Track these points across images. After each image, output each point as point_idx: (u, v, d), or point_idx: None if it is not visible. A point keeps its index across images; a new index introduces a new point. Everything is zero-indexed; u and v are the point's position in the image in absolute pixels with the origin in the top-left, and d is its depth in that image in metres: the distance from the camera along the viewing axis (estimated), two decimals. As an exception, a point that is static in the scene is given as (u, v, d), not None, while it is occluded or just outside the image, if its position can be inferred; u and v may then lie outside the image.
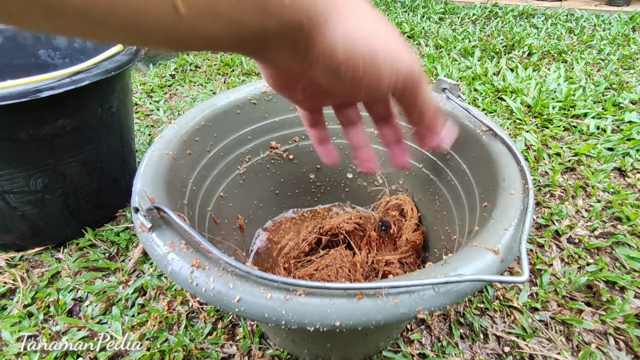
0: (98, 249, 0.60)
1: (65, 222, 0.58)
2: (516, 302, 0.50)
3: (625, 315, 0.47)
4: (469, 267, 0.23)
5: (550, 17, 1.58)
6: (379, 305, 0.21)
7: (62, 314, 0.50)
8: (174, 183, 0.34)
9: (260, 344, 0.46)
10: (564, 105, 0.91)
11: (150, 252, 0.25)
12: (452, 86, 0.41)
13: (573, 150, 0.77)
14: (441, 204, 0.45)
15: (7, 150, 0.46)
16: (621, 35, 1.32)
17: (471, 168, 0.38)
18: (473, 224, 0.33)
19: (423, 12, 1.70)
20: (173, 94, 1.07)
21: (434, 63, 1.15)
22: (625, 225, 0.59)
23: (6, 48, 0.65)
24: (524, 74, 1.07)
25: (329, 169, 0.57)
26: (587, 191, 0.67)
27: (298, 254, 0.48)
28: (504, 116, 0.89)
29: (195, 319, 0.50)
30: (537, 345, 0.45)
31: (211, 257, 0.24)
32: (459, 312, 0.50)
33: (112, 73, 0.48)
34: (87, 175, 0.56)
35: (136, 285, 0.53)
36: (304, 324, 0.21)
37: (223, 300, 0.22)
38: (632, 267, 0.53)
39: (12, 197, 0.51)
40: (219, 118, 0.44)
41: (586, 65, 1.11)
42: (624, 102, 0.90)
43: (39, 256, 0.59)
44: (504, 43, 1.30)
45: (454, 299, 0.22)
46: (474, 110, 0.38)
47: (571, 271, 0.53)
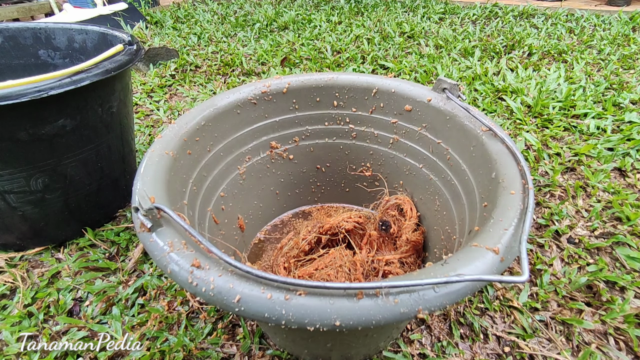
0: (98, 249, 0.60)
1: (65, 222, 0.58)
2: (516, 302, 0.50)
3: (625, 316, 0.47)
4: (469, 267, 0.23)
5: (551, 17, 1.57)
6: (379, 305, 0.21)
7: (62, 314, 0.50)
8: (174, 183, 0.34)
9: (260, 344, 0.46)
10: (564, 105, 0.91)
11: (150, 252, 0.25)
12: (452, 86, 0.41)
13: (573, 151, 0.77)
14: (441, 204, 0.45)
15: (7, 150, 0.46)
16: (621, 35, 1.32)
17: (471, 168, 0.38)
18: (473, 224, 0.33)
19: (423, 12, 1.70)
20: (173, 94, 1.07)
21: (434, 63, 1.15)
22: (625, 225, 0.59)
23: (6, 48, 0.65)
24: (524, 74, 1.07)
25: (329, 169, 0.57)
26: (587, 191, 0.67)
27: (298, 253, 0.48)
28: (504, 116, 0.89)
29: (196, 319, 0.50)
30: (537, 345, 0.45)
31: (211, 257, 0.24)
32: (459, 312, 0.50)
33: (112, 73, 0.48)
34: (87, 175, 0.56)
35: (136, 285, 0.53)
36: (304, 324, 0.21)
37: (223, 299, 0.22)
38: (632, 267, 0.53)
39: (12, 197, 0.51)
40: (219, 118, 0.44)
41: (586, 65, 1.11)
42: (624, 102, 0.90)
43: (39, 256, 0.59)
44: (504, 43, 1.30)
45: (454, 299, 0.22)
46: (474, 110, 0.38)
47: (571, 271, 0.53)
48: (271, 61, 1.22)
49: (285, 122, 0.51)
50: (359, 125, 0.51)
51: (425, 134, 0.45)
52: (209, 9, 1.89)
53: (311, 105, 0.50)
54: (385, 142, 0.50)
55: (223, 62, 1.23)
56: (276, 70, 1.14)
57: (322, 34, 1.46)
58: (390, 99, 0.47)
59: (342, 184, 0.59)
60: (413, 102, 0.45)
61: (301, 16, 1.68)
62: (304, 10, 1.80)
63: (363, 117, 0.50)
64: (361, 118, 0.50)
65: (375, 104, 0.48)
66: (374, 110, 0.49)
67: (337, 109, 0.50)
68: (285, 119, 0.50)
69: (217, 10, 1.87)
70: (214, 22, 1.69)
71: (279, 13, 1.75)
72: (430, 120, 0.44)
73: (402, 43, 1.33)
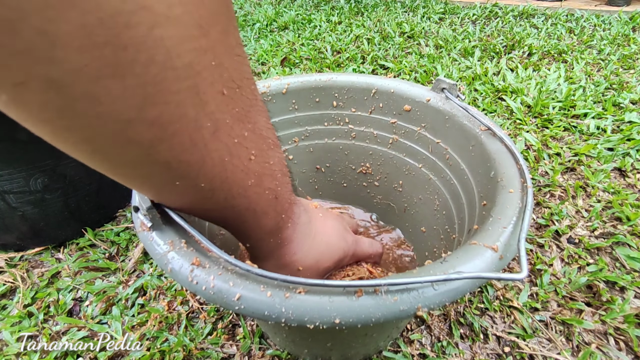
0: (98, 249, 0.60)
1: (65, 222, 0.58)
2: (516, 302, 0.50)
3: (626, 316, 0.47)
4: (468, 265, 0.23)
5: (550, 17, 1.58)
6: (378, 303, 0.21)
7: (62, 314, 0.50)
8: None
9: (261, 344, 0.46)
10: (564, 106, 0.91)
11: (150, 251, 0.25)
12: (451, 86, 0.41)
13: (573, 151, 0.77)
14: (440, 204, 0.45)
15: (7, 150, 0.46)
16: (621, 35, 1.32)
17: (470, 167, 0.38)
18: (472, 223, 0.33)
19: (423, 12, 1.70)
20: (173, 95, 1.07)
21: (434, 63, 1.15)
22: (626, 225, 0.59)
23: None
24: (524, 74, 1.07)
25: (328, 170, 0.57)
26: (587, 191, 0.67)
27: None
28: (504, 116, 0.89)
29: (196, 319, 0.50)
30: (537, 346, 0.45)
31: (211, 256, 0.24)
32: (459, 312, 0.50)
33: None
34: (87, 175, 0.56)
35: (136, 285, 0.53)
36: (303, 322, 0.21)
37: (223, 298, 0.22)
38: (632, 267, 0.53)
39: (12, 197, 0.51)
40: (219, 118, 0.44)
41: (586, 65, 1.11)
42: (624, 102, 0.90)
43: (39, 256, 0.59)
44: (504, 43, 1.30)
45: (452, 297, 0.22)
46: (472, 110, 0.38)
47: (571, 271, 0.53)
48: (271, 61, 1.22)
49: (285, 123, 0.51)
50: (359, 125, 0.51)
51: (424, 134, 0.45)
52: (209, 10, 1.89)
53: (310, 105, 0.50)
54: (384, 142, 0.50)
55: (223, 63, 1.23)
56: (276, 71, 1.15)
57: (322, 34, 1.46)
58: (389, 99, 0.47)
59: (342, 184, 0.59)
60: (412, 102, 0.45)
61: (301, 16, 1.69)
62: (304, 10, 1.81)
63: (362, 118, 0.50)
64: (360, 118, 0.50)
65: (375, 104, 0.48)
66: (373, 110, 0.49)
67: (336, 109, 0.50)
68: (285, 119, 0.50)
69: (217, 11, 1.87)
70: (214, 22, 1.69)
71: (278, 13, 1.76)
72: (430, 120, 0.44)
73: (402, 43, 1.33)
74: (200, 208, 0.23)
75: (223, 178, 0.21)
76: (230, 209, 0.23)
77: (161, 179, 0.19)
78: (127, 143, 0.16)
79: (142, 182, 0.20)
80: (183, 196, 0.22)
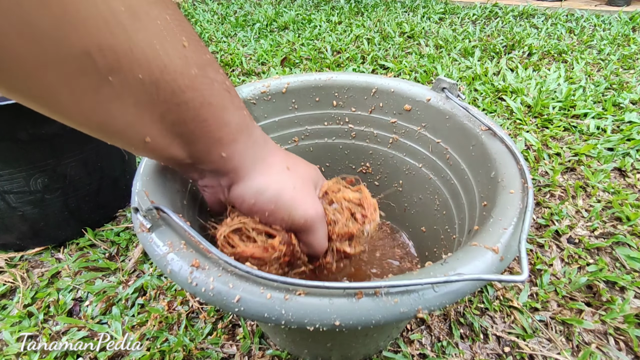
0: (98, 249, 0.60)
1: (65, 222, 0.58)
2: (516, 302, 0.50)
3: (626, 316, 0.47)
4: (469, 267, 0.23)
5: (550, 17, 1.58)
6: (378, 305, 0.21)
7: (62, 314, 0.50)
8: (174, 183, 0.34)
9: (260, 344, 0.46)
10: (564, 106, 0.91)
11: (150, 252, 0.25)
12: (451, 85, 0.41)
13: (573, 151, 0.77)
14: (441, 204, 0.45)
15: (7, 150, 0.46)
16: (621, 35, 1.32)
17: (470, 167, 0.38)
18: (472, 223, 0.33)
19: (423, 12, 1.70)
20: (173, 94, 1.07)
21: (434, 63, 1.15)
22: (625, 225, 0.59)
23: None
24: (524, 74, 1.07)
25: (328, 170, 0.57)
26: (587, 191, 0.67)
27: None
28: (504, 116, 0.89)
29: (195, 319, 0.50)
30: (537, 346, 0.45)
31: (211, 257, 0.24)
32: (459, 312, 0.50)
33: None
34: (87, 175, 0.56)
35: (136, 285, 0.53)
36: (303, 324, 0.21)
37: (223, 300, 0.22)
38: (632, 267, 0.53)
39: (12, 197, 0.51)
40: (219, 118, 0.44)
41: (586, 65, 1.11)
42: (624, 102, 0.90)
43: (39, 256, 0.59)
44: (504, 43, 1.30)
45: (453, 298, 0.22)
46: (473, 110, 0.38)
47: (571, 271, 0.53)
48: (271, 61, 1.22)
49: (285, 122, 0.51)
50: (359, 125, 0.51)
51: (424, 134, 0.45)
52: (208, 9, 1.89)
53: (310, 105, 0.50)
54: (384, 141, 0.50)
55: (223, 62, 1.23)
56: (276, 70, 1.15)
57: (322, 34, 1.46)
58: (389, 99, 0.47)
59: (342, 184, 0.59)
60: (412, 101, 0.45)
61: (301, 16, 1.68)
62: (304, 10, 1.80)
63: (362, 117, 0.50)
64: (360, 118, 0.50)
65: (375, 104, 0.48)
66: (373, 109, 0.49)
67: (336, 108, 0.50)
68: (285, 118, 0.50)
69: (217, 10, 1.87)
70: (213, 22, 1.69)
71: (279, 13, 1.76)
72: (430, 120, 0.44)
73: (402, 43, 1.33)
74: (153, 112, 0.21)
75: (161, 66, 0.20)
76: (185, 108, 0.22)
77: (90, 79, 0.18)
78: (27, 27, 0.15)
79: (69, 84, 0.18)
80: (127, 97, 0.20)
